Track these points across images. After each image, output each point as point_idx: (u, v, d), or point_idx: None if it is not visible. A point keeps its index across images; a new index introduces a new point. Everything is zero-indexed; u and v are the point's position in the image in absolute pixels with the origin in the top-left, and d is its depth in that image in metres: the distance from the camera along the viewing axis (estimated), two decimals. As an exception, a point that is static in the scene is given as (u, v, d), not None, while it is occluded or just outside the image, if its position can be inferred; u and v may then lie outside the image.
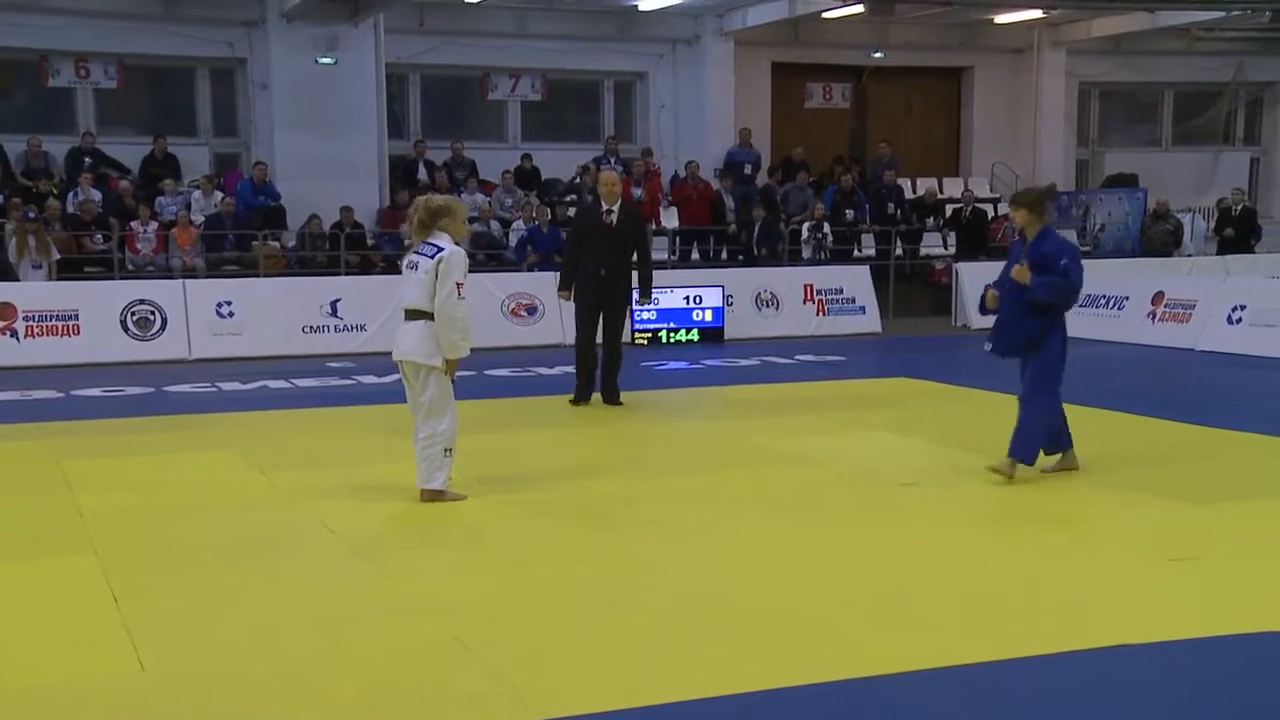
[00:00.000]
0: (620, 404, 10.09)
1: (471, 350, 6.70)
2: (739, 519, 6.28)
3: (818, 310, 16.53)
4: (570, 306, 10.42)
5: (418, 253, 6.56)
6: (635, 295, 10.27)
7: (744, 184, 19.49)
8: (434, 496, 6.67)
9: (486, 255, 17.17)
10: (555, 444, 8.55)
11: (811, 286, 16.53)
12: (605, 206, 10.00)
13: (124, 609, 4.88)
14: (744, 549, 5.75)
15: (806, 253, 17.87)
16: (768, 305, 16.35)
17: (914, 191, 21.23)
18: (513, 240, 17.35)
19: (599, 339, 10.07)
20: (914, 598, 4.92)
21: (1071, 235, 20.29)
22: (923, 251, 19.75)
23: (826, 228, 17.96)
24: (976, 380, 11.32)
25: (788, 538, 5.95)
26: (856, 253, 18.95)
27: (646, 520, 6.29)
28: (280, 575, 5.43)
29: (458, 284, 6.41)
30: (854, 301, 16.67)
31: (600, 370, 10.16)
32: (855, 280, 16.85)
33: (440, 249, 6.46)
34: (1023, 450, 6.81)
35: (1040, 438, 6.84)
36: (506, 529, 6.21)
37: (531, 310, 15.19)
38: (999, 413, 9.68)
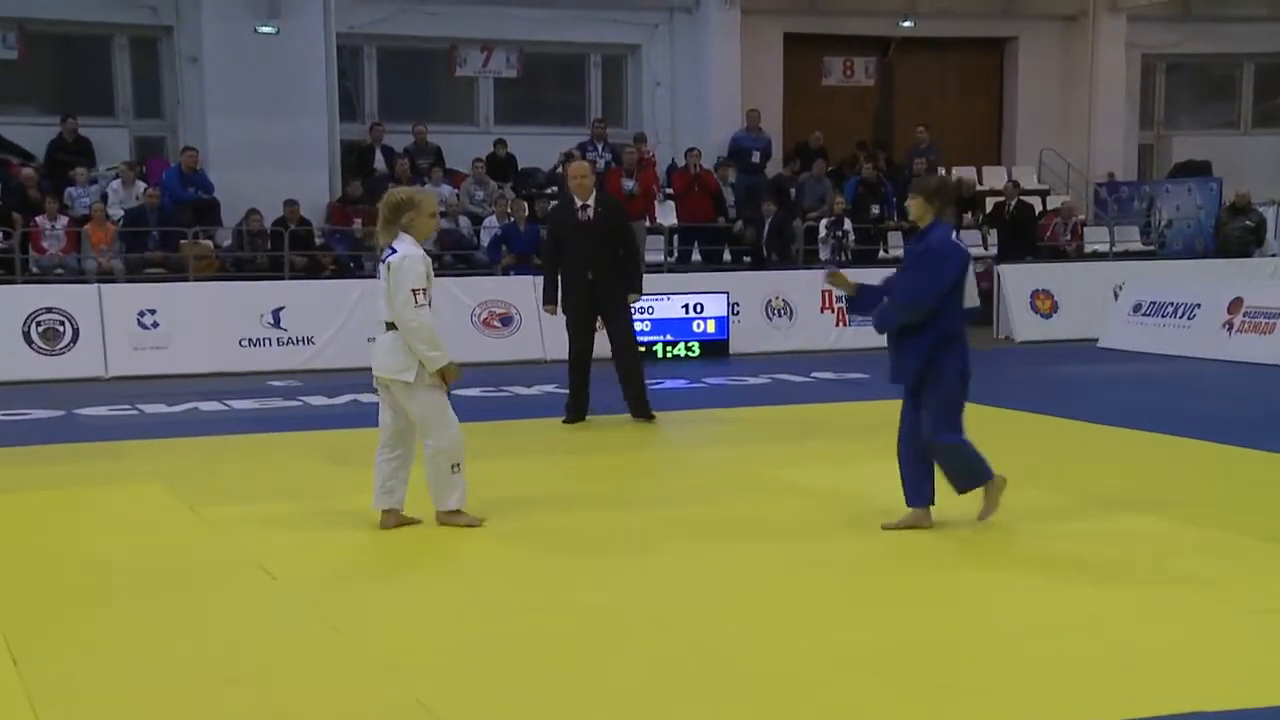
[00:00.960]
0: (653, 418, 10.32)
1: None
2: (742, 560, 6.30)
3: (837, 320, 16.56)
4: (559, 319, 10.50)
5: (381, 258, 6.76)
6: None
7: (752, 174, 19.55)
8: (448, 519, 6.86)
9: (454, 256, 17.19)
10: (536, 473, 8.55)
11: (829, 293, 16.54)
12: (579, 202, 10.12)
13: (25, 672, 4.83)
14: (745, 595, 5.75)
15: (824, 253, 17.91)
16: (779, 314, 16.37)
17: (950, 182, 21.29)
18: (484, 240, 17.38)
19: (606, 353, 10.21)
20: (943, 656, 4.89)
21: (1132, 232, 20.39)
22: (960, 252, 19.84)
23: (847, 224, 18.01)
24: (1024, 401, 11.34)
25: (797, 582, 5.95)
26: (882, 254, 19.00)
27: (637, 561, 6.31)
28: (211, 628, 5.42)
29: (414, 291, 6.55)
30: (880, 310, 16.71)
31: (621, 385, 10.37)
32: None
33: (394, 252, 6.64)
34: (962, 483, 6.69)
35: (975, 461, 6.62)
36: (478, 569, 6.22)
37: (506, 320, 15.20)
38: (1049, 440, 9.84)
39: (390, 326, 6.68)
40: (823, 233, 17.95)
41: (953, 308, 6.49)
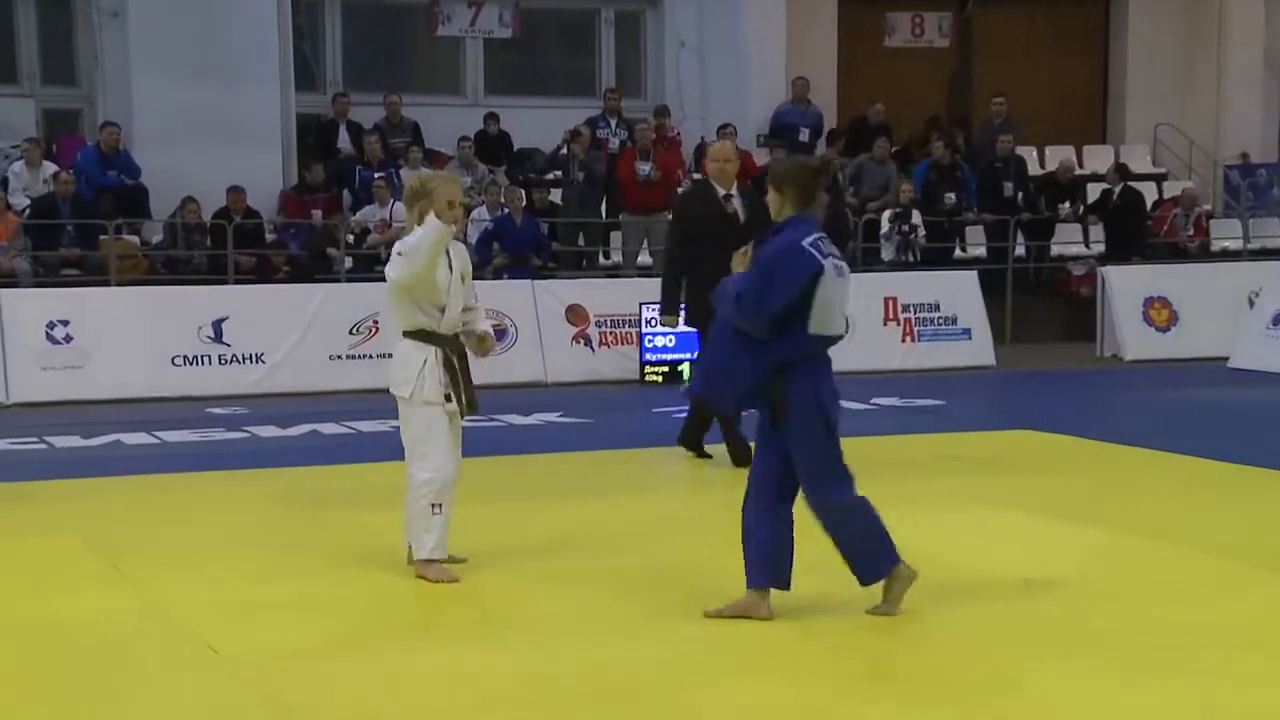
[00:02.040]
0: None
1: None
2: (789, 631, 6.27)
3: (904, 334, 16.58)
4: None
5: None
6: None
7: (799, 155, 19.53)
8: (422, 570, 7.06)
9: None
10: (532, 518, 8.56)
11: (895, 301, 16.56)
12: (722, 191, 10.04)
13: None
14: (796, 670, 5.75)
15: (888, 253, 17.90)
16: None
17: (1042, 165, 21.23)
18: (472, 235, 17.39)
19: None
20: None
21: (1270, 225, 20.30)
22: (1054, 251, 19.77)
23: (916, 217, 18.00)
24: (1137, 435, 11.28)
25: (856, 660, 5.95)
26: (959, 253, 19.02)
27: (636, 641, 6.24)
28: (143, 716, 5.40)
29: (399, 253, 6.90)
30: (955, 322, 16.74)
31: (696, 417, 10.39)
32: (958, 292, 16.90)
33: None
34: (865, 567, 6.35)
35: (876, 535, 6.29)
36: (473, 644, 6.20)
37: (499, 334, 15.19)
38: (1171, 480, 9.80)
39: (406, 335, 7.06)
40: (885, 228, 17.94)
41: (794, 334, 6.13)
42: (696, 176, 18.80)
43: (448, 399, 7.01)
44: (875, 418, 12.98)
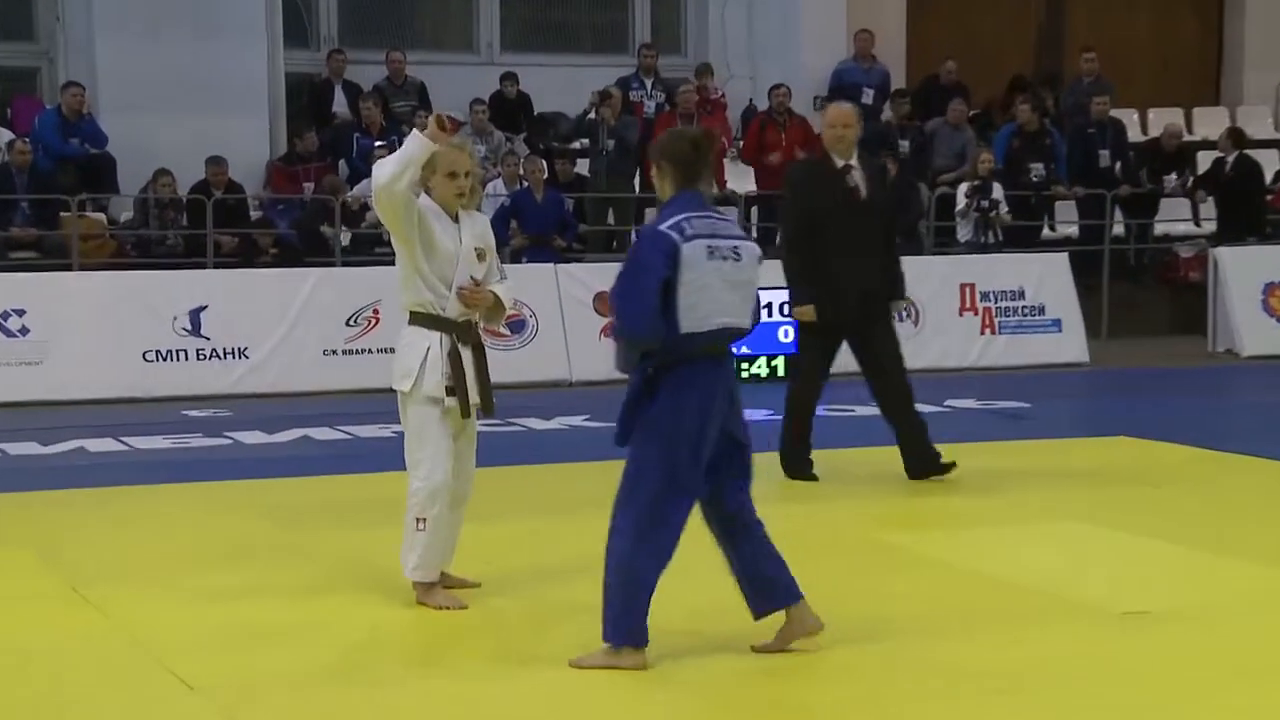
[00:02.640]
0: (951, 468, 10.08)
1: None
2: (853, 656, 6.28)
3: (983, 326, 16.53)
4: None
5: None
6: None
7: (863, 121, 19.44)
8: (422, 596, 7.14)
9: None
10: (562, 537, 8.57)
11: (972, 288, 16.53)
12: (840, 163, 9.99)
13: None
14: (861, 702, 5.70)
15: (965, 233, 17.84)
16: (900, 318, 16.07)
17: (1143, 131, 21.11)
18: (487, 213, 17.38)
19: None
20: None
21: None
22: (1158, 230, 19.65)
23: (998, 191, 17.93)
24: (1252, 442, 11.23)
25: (938, 698, 5.90)
26: (1048, 232, 18.99)
27: (697, 670, 6.24)
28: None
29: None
30: (1043, 312, 16.69)
31: (898, 431, 10.19)
32: (1046, 277, 16.84)
33: None
34: (609, 628, 6.22)
35: (632, 604, 6.13)
36: (479, 678, 6.20)
37: (517, 326, 15.20)
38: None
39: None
40: (961, 204, 17.88)
41: (671, 333, 6.09)
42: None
43: (450, 393, 6.99)
44: (949, 422, 12.91)
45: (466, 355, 7.08)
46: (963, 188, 17.98)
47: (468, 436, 7.21)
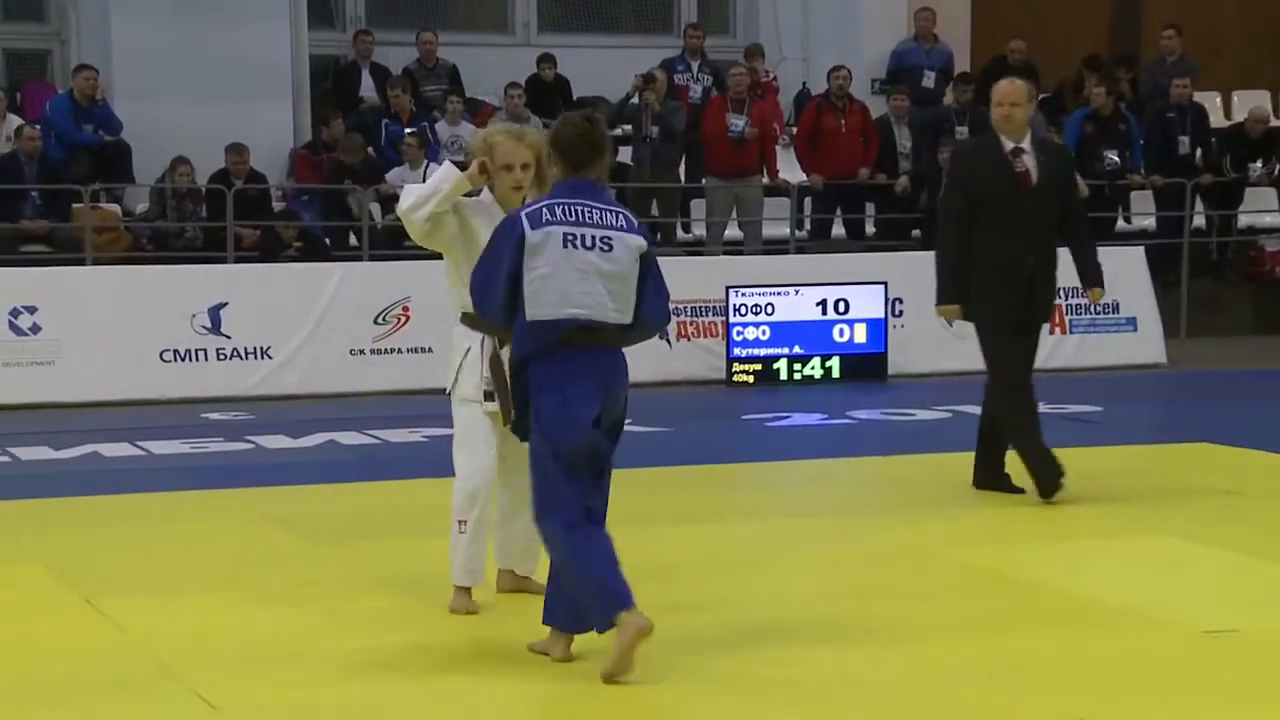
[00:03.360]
0: (1062, 485, 9.74)
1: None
2: (939, 687, 6.27)
3: (1053, 325, 16.29)
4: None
5: None
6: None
7: (925, 105, 19.36)
8: (452, 602, 7.31)
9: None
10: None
11: (1042, 284, 16.44)
12: (1009, 145, 9.77)
13: None
14: None
15: (1033, 224, 17.69)
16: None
17: (1227, 116, 20.96)
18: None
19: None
20: None
21: None
22: (1242, 221, 19.48)
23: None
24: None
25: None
26: (1123, 224, 18.83)
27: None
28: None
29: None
30: (1117, 310, 16.58)
31: (985, 436, 9.98)
32: (1121, 273, 16.48)
33: None
34: (597, 621, 6.43)
35: (588, 573, 6.39)
36: (511, 695, 6.21)
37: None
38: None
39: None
40: (1030, 193, 17.72)
41: (519, 325, 6.39)
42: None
43: (488, 398, 7.07)
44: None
45: (502, 359, 7.07)
46: (1031, 176, 17.80)
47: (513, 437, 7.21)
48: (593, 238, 6.34)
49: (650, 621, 6.22)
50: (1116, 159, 18.65)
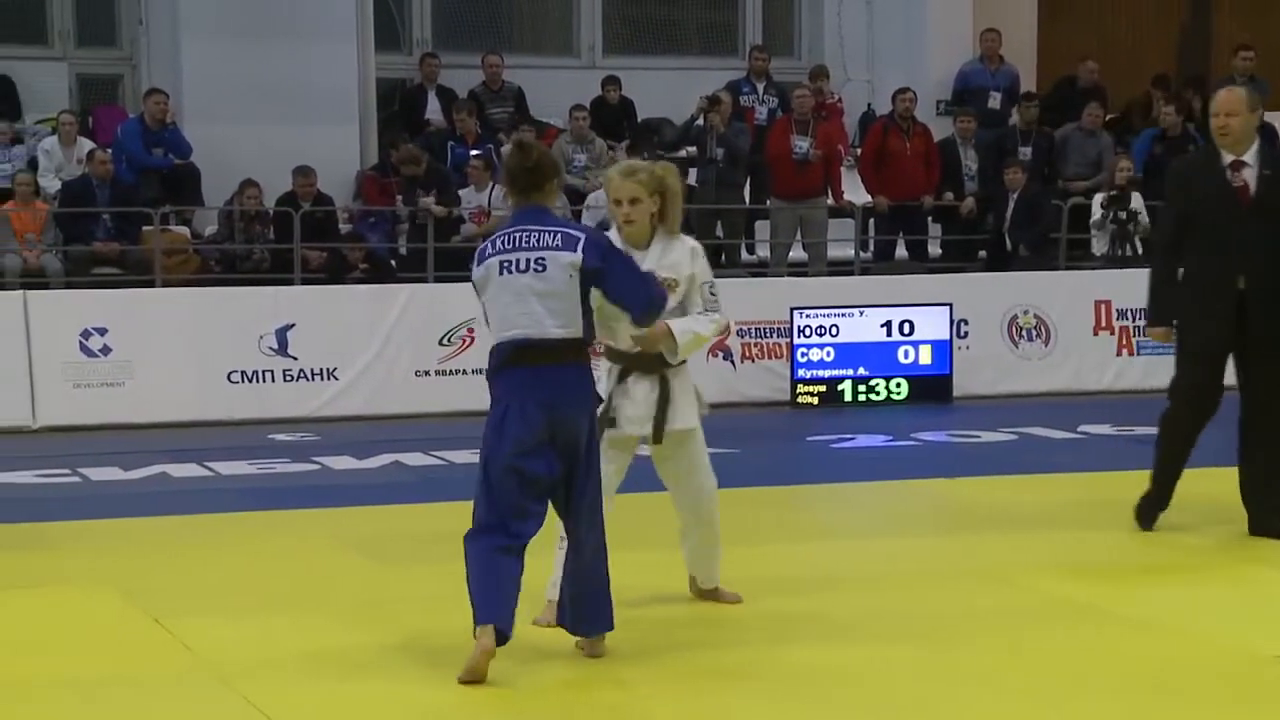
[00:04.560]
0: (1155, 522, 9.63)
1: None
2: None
3: (1120, 346, 16.44)
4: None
5: None
6: None
7: (991, 126, 19.38)
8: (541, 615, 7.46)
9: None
10: (658, 572, 8.52)
11: (1108, 306, 16.46)
12: (1227, 158, 9.18)
13: None
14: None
15: (1101, 246, 17.68)
16: (1030, 337, 16.33)
17: (1300, 137, 20.82)
18: (589, 224, 17.44)
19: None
20: None
21: None
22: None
23: (1137, 202, 17.75)
24: None
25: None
26: (1192, 245, 18.71)
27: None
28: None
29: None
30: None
31: (1249, 471, 9.49)
32: (1190, 294, 16.63)
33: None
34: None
35: (476, 585, 6.70)
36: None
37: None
38: None
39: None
40: (1097, 215, 17.71)
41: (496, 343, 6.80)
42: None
43: (610, 424, 7.30)
44: (1084, 449, 12.87)
45: (641, 387, 7.39)
46: (1099, 198, 17.80)
47: (678, 465, 7.60)
48: (526, 261, 6.65)
49: (491, 646, 6.47)
50: (1185, 180, 18.59)
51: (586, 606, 6.87)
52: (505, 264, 6.67)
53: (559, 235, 6.69)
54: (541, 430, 6.61)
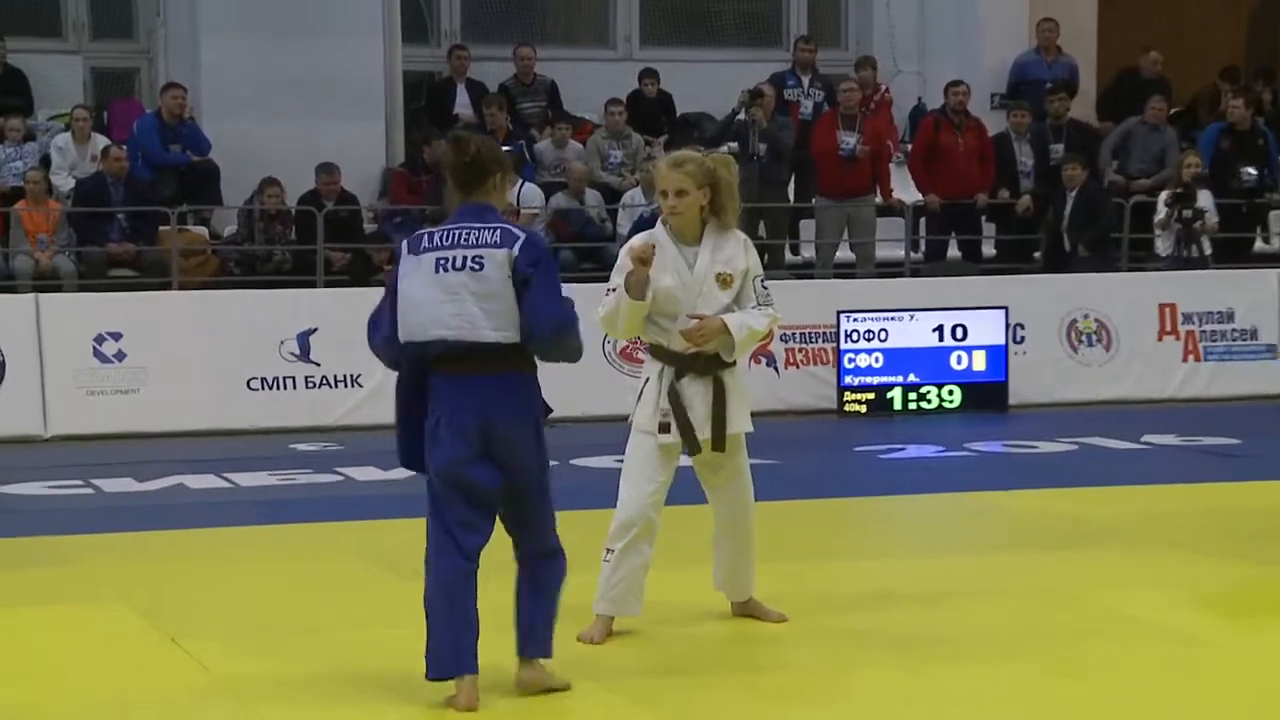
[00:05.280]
0: None
1: (553, 420, 6.95)
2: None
3: (1186, 352, 16.39)
4: None
5: None
6: None
7: (1046, 120, 19.29)
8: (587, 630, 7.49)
9: (577, 251, 17.22)
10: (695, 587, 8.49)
11: (1174, 309, 16.42)
12: None
13: None
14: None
15: (1165, 246, 17.59)
16: (1090, 342, 16.24)
17: (1378, 132, 20.77)
18: (624, 225, 17.37)
19: None
20: None
21: None
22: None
23: (1204, 200, 17.64)
24: None
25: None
26: (1261, 245, 18.73)
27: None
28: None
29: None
30: (1255, 336, 16.55)
31: None
32: (1258, 297, 16.69)
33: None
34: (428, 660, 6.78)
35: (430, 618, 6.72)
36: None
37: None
38: None
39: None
40: (1161, 213, 17.61)
41: (398, 348, 6.85)
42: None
43: (663, 430, 7.30)
44: (1148, 460, 12.86)
45: (696, 390, 7.37)
46: (1163, 195, 17.68)
47: (727, 472, 7.59)
48: (463, 258, 6.57)
49: (475, 702, 6.46)
50: (1255, 175, 18.52)
51: (539, 629, 6.79)
52: (442, 261, 6.60)
53: (498, 232, 6.62)
54: (476, 441, 6.58)
